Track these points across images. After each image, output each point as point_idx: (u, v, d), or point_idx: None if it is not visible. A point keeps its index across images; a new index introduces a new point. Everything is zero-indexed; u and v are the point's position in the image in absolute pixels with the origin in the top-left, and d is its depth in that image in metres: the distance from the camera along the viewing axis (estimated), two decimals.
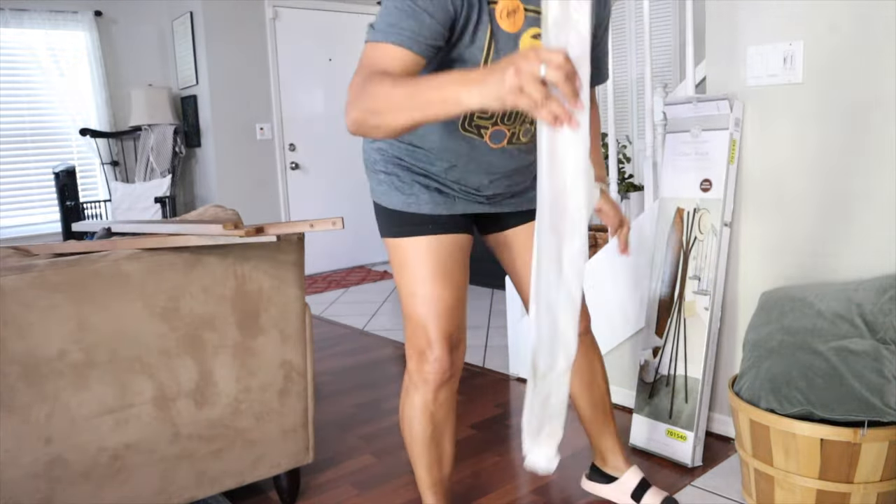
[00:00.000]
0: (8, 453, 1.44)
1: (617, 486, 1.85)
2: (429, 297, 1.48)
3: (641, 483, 1.82)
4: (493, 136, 1.44)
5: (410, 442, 1.60)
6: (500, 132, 1.44)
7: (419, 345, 1.51)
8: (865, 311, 1.66)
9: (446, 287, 1.49)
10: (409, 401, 1.57)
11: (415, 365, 1.54)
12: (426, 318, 1.49)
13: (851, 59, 1.84)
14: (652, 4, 2.47)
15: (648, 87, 2.40)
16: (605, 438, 1.84)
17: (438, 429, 1.57)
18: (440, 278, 1.48)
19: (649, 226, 2.33)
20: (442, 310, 1.49)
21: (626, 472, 1.84)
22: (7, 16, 4.56)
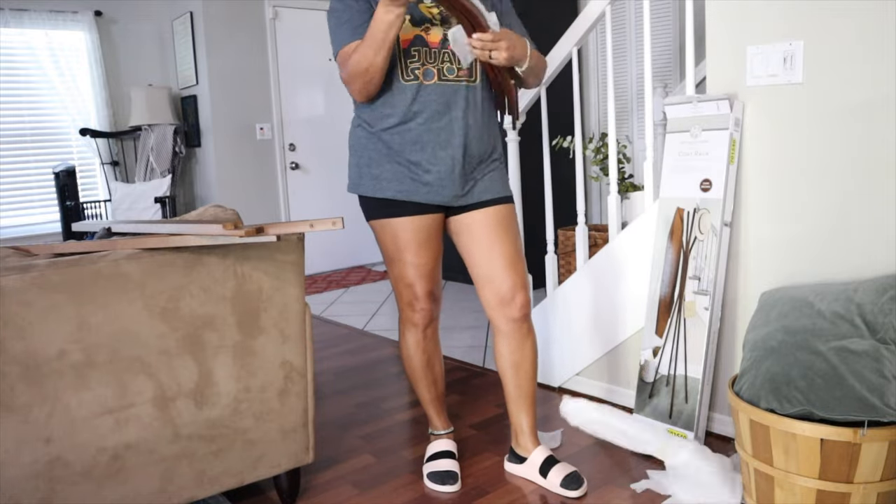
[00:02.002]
0: (8, 453, 1.44)
1: (527, 464, 2.04)
2: (414, 264, 1.92)
3: (548, 459, 2.00)
4: (425, 75, 1.83)
5: (411, 370, 2.08)
6: (429, 70, 1.83)
7: (409, 299, 1.97)
8: (865, 311, 1.66)
9: (422, 254, 1.92)
10: (404, 340, 2.06)
11: (406, 314, 2.01)
12: (413, 280, 1.94)
13: (851, 59, 1.84)
14: (652, 4, 2.47)
15: (648, 87, 2.40)
16: (522, 419, 2.03)
17: (429, 356, 2.06)
18: (417, 248, 1.91)
19: (649, 226, 2.33)
20: (425, 273, 1.94)
21: (534, 451, 2.02)
22: (7, 16, 4.56)
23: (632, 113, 4.56)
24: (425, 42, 1.81)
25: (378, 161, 1.88)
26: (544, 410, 2.54)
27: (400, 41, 1.79)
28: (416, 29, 1.80)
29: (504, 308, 1.92)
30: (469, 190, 1.91)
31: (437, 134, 1.84)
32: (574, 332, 2.64)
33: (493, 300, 1.92)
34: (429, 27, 1.81)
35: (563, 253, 3.57)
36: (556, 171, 2.96)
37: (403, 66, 1.81)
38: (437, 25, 1.82)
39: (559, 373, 2.71)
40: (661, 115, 3.35)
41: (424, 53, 1.82)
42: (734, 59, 2.07)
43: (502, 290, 1.91)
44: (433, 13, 1.82)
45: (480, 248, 1.92)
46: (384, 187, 1.87)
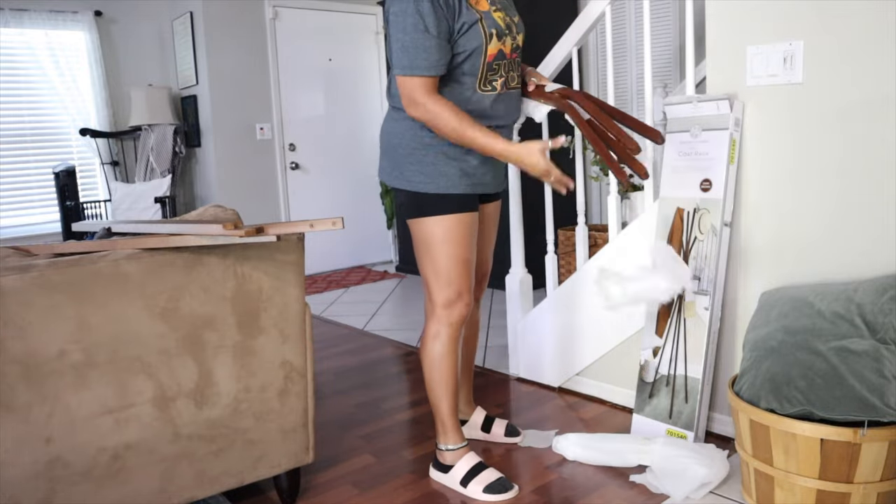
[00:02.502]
0: (8, 453, 1.44)
1: (469, 425, 2.30)
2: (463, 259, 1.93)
3: (487, 418, 2.30)
4: (503, 85, 1.90)
5: (440, 376, 1.97)
6: (506, 81, 1.90)
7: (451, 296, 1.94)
8: (865, 311, 1.66)
9: (472, 252, 1.96)
10: (438, 343, 1.96)
11: (445, 313, 1.95)
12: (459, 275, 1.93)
13: (851, 59, 1.84)
14: (652, 4, 2.47)
15: (648, 87, 2.40)
16: (462, 386, 2.28)
17: (455, 360, 1.99)
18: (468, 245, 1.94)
19: (649, 226, 2.33)
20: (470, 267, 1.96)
21: (473, 413, 2.31)
22: (7, 16, 4.56)
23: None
24: (505, 55, 1.86)
25: (446, 165, 1.89)
26: (543, 410, 2.54)
27: (487, 55, 1.82)
28: (499, 43, 1.83)
29: (476, 286, 2.17)
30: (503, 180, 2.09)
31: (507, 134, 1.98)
32: (574, 332, 2.64)
33: None
34: (505, 38, 1.85)
35: (563, 253, 3.57)
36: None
37: (484, 78, 1.85)
38: (507, 35, 1.85)
39: (559, 373, 2.71)
40: (661, 115, 3.35)
41: (505, 66, 1.87)
42: (734, 59, 2.07)
43: (483, 271, 2.18)
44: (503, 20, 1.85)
45: (481, 234, 2.13)
46: (456, 184, 1.89)
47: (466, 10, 1.76)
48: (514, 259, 2.86)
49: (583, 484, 1.99)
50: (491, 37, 1.80)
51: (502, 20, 1.84)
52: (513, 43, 1.88)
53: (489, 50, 1.80)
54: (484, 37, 1.79)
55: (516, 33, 1.90)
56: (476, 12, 1.77)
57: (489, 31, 1.79)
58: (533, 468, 2.11)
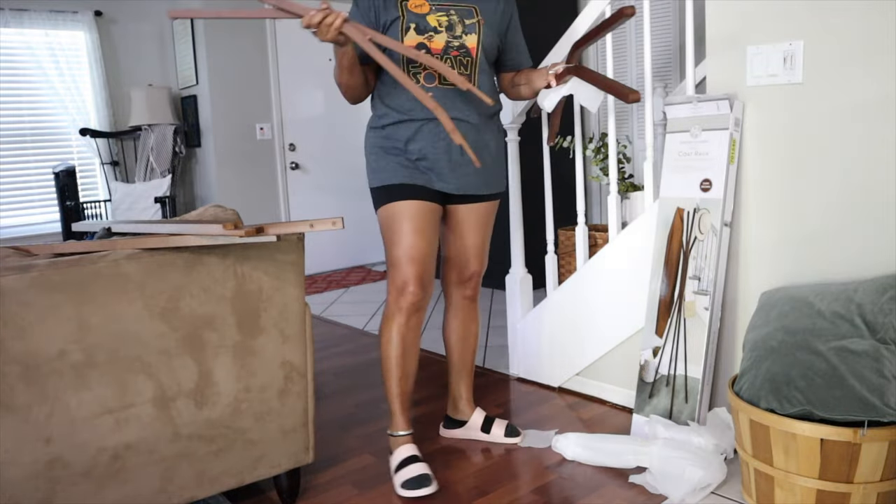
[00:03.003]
0: (8, 453, 1.44)
1: (468, 426, 2.31)
2: (405, 248, 1.98)
3: (487, 419, 2.30)
4: (426, 79, 1.97)
5: (385, 359, 2.07)
6: (430, 75, 1.97)
7: (401, 282, 2.00)
8: (865, 311, 1.66)
9: (421, 243, 1.99)
10: (387, 326, 2.05)
11: (394, 298, 2.02)
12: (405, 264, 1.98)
13: (851, 59, 1.84)
14: (652, 4, 2.47)
15: (648, 87, 2.40)
16: (462, 387, 2.31)
17: (406, 347, 2.04)
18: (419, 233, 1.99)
19: (649, 226, 2.33)
20: (417, 256, 1.99)
21: (473, 414, 2.31)
22: (7, 16, 4.56)
23: (632, 113, 4.56)
24: (428, 49, 1.95)
25: (383, 154, 2.04)
26: (543, 410, 2.54)
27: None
28: (420, 37, 1.94)
29: (462, 286, 2.22)
30: (466, 183, 2.07)
31: (434, 131, 1.99)
32: (574, 332, 2.64)
33: (455, 278, 2.21)
34: (432, 35, 1.95)
35: (563, 253, 3.57)
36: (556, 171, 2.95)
37: (407, 72, 1.96)
38: (441, 33, 1.96)
39: (559, 373, 2.71)
40: (661, 115, 3.35)
41: None
42: (734, 59, 2.07)
43: (464, 275, 2.20)
44: (440, 22, 1.96)
45: (459, 237, 2.16)
46: (389, 176, 2.02)
47: (392, 10, 1.94)
48: (514, 259, 2.86)
49: (582, 484, 1.99)
50: (407, 30, 1.93)
51: (437, 20, 1.95)
52: (452, 41, 1.96)
53: (406, 42, 1.92)
54: (401, 31, 1.93)
55: (462, 33, 1.97)
56: (399, 12, 1.93)
57: (407, 26, 1.93)
58: (533, 468, 2.11)
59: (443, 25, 1.96)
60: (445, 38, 1.96)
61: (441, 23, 1.96)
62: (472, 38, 1.99)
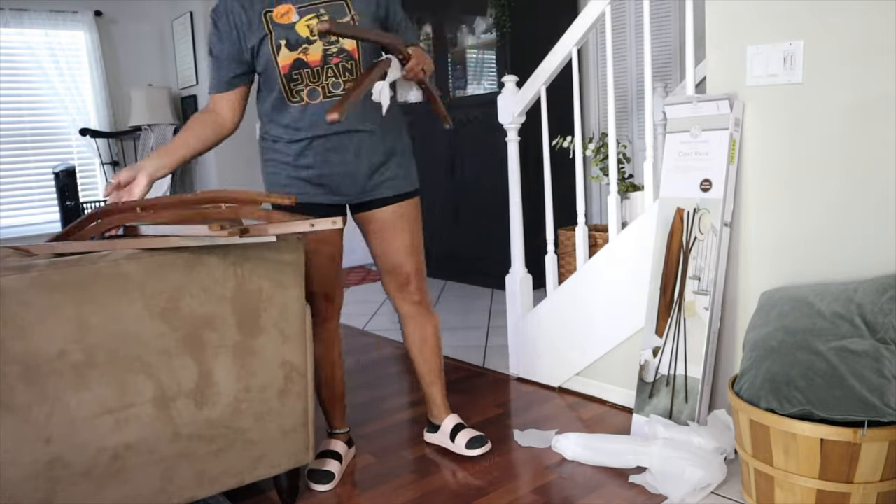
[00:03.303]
0: (8, 453, 1.44)
1: (440, 432, 2.26)
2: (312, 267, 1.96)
3: (456, 426, 2.23)
4: (310, 95, 1.88)
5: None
6: (314, 90, 1.88)
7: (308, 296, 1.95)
8: (865, 311, 1.66)
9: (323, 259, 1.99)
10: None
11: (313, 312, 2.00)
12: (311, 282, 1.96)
13: (851, 59, 1.84)
14: (652, 4, 2.47)
15: (648, 87, 2.40)
16: (433, 391, 2.27)
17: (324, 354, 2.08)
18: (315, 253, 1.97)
19: (649, 226, 2.33)
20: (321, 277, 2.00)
21: (445, 419, 2.26)
22: (7, 16, 4.56)
23: (632, 113, 4.56)
24: (305, 63, 1.85)
25: (277, 171, 1.98)
26: (543, 410, 2.54)
27: (280, 67, 1.84)
28: (294, 53, 1.83)
29: (403, 292, 2.14)
30: (372, 187, 2.00)
31: (328, 146, 1.92)
32: (574, 332, 2.64)
33: (394, 286, 2.14)
34: (307, 48, 1.84)
35: (563, 253, 3.57)
36: (556, 171, 2.95)
37: (288, 90, 1.88)
38: (315, 42, 1.84)
39: (559, 373, 2.71)
40: (661, 115, 3.35)
41: (307, 75, 1.86)
42: (734, 59, 2.07)
43: (400, 278, 2.11)
44: (309, 28, 1.83)
45: (383, 241, 2.08)
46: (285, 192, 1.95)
47: (258, 29, 1.82)
48: (514, 259, 2.86)
49: (582, 484, 1.99)
50: (279, 48, 1.83)
51: (308, 28, 1.83)
52: (329, 48, 1.84)
53: (280, 62, 1.83)
54: (271, 50, 1.83)
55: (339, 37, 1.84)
56: (265, 29, 1.82)
57: (276, 44, 1.82)
58: (532, 468, 2.11)
59: (315, 32, 1.83)
60: (322, 48, 1.84)
61: (313, 29, 1.83)
62: (350, 40, 1.86)
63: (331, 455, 2.11)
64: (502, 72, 4.28)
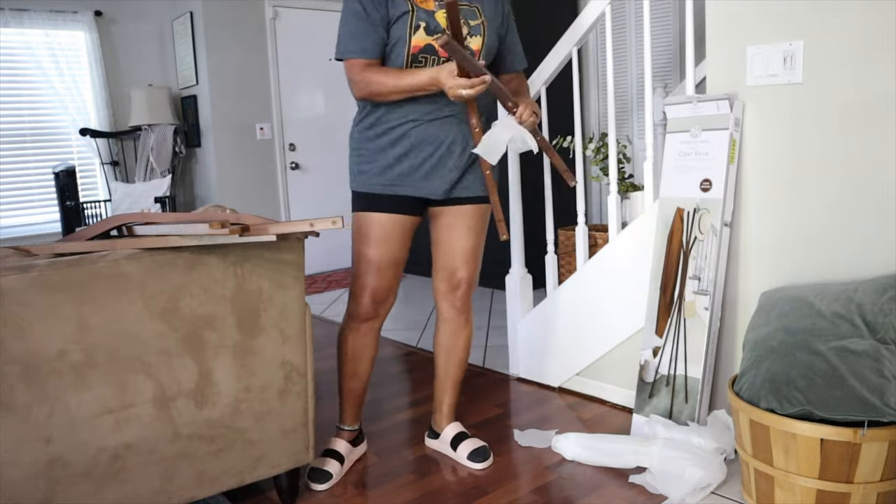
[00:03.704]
0: (8, 453, 1.44)
1: (441, 439, 2.25)
2: (367, 259, 1.99)
3: (458, 434, 2.21)
4: None
5: (339, 355, 2.12)
6: None
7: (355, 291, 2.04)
8: (865, 311, 1.66)
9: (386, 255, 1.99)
10: (345, 326, 2.09)
11: (350, 303, 2.06)
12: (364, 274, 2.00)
13: (851, 59, 1.84)
14: (652, 4, 2.47)
15: (648, 87, 2.40)
16: (444, 399, 2.24)
17: (358, 350, 2.09)
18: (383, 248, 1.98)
19: (649, 226, 2.33)
20: (376, 270, 1.99)
21: (447, 427, 2.24)
22: (7, 16, 4.56)
23: (632, 113, 4.56)
24: (435, 51, 1.88)
25: (366, 157, 1.99)
26: (543, 410, 2.54)
27: (411, 47, 1.86)
28: (430, 38, 1.86)
29: (450, 295, 2.13)
30: (453, 186, 2.02)
31: (427, 135, 1.95)
32: (574, 332, 2.64)
33: (443, 286, 2.13)
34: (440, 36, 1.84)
35: (563, 253, 3.57)
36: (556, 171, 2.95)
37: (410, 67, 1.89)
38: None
39: (559, 373, 2.71)
40: (661, 115, 3.35)
41: (433, 62, 1.89)
42: (734, 59, 2.07)
43: (453, 280, 2.11)
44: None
45: (451, 238, 2.08)
46: (369, 183, 1.98)
47: (402, 3, 1.85)
48: (514, 259, 2.86)
49: (582, 484, 1.99)
50: (417, 28, 1.85)
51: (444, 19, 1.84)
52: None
53: (413, 41, 1.85)
54: (409, 28, 1.85)
55: (468, 35, 1.90)
56: (409, 5, 1.85)
57: (416, 24, 1.85)
58: (533, 468, 2.11)
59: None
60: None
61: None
62: (476, 41, 1.93)
63: (332, 455, 2.11)
64: None
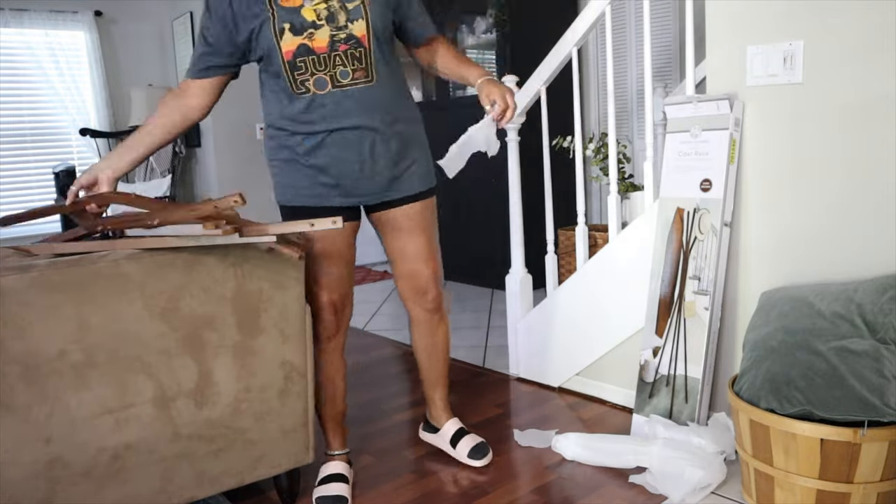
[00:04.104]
0: (8, 453, 1.44)
1: (439, 434, 2.20)
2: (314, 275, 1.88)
3: (458, 431, 2.17)
4: (317, 84, 1.74)
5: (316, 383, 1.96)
6: (321, 79, 1.74)
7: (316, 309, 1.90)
8: (865, 311, 1.66)
9: (334, 264, 1.89)
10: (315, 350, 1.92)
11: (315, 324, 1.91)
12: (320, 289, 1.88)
13: (851, 59, 1.84)
14: (652, 4, 2.47)
15: (648, 87, 2.40)
16: (435, 393, 2.20)
17: (333, 372, 1.97)
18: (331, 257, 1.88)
19: (649, 226, 2.33)
20: (331, 282, 1.89)
21: (446, 423, 2.19)
22: (7, 16, 4.56)
23: (632, 113, 4.55)
24: (311, 50, 1.70)
25: (285, 166, 1.85)
26: (543, 410, 2.54)
27: (283, 54, 1.70)
28: (299, 38, 1.69)
29: (419, 299, 2.05)
30: (390, 186, 1.89)
31: (339, 140, 1.79)
32: (574, 332, 2.64)
33: (409, 292, 2.06)
34: (312, 33, 1.70)
35: (563, 253, 3.57)
36: (556, 171, 2.95)
37: (292, 80, 1.73)
38: (322, 26, 1.70)
39: (559, 373, 2.71)
40: (661, 115, 3.35)
41: (312, 62, 1.72)
42: (734, 59, 2.07)
43: (419, 283, 2.03)
44: (319, 13, 1.70)
45: (400, 243, 1.99)
46: (293, 196, 1.85)
47: (259, 11, 1.68)
48: (514, 259, 2.86)
49: (582, 484, 1.99)
50: (282, 32, 1.68)
51: (315, 12, 1.69)
52: (337, 34, 1.70)
53: (283, 48, 1.69)
54: (274, 34, 1.68)
55: (347, 21, 1.70)
56: (268, 10, 1.68)
57: (279, 27, 1.68)
58: (532, 468, 2.11)
59: (322, 17, 1.69)
60: (329, 33, 1.69)
61: (320, 13, 1.69)
62: (360, 25, 1.71)
63: (336, 479, 1.97)
64: (502, 72, 4.28)
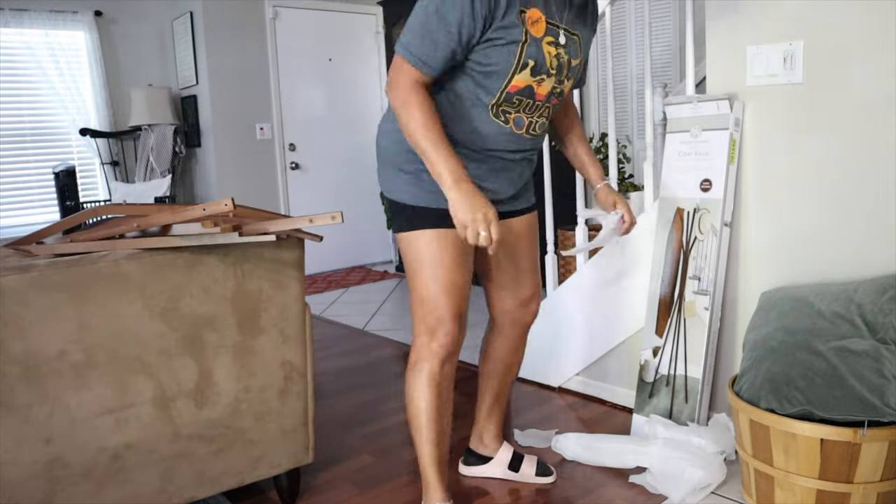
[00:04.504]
0: (8, 453, 1.44)
1: (494, 463, 2.05)
2: (447, 281, 1.67)
3: (515, 456, 2.05)
4: (515, 123, 1.65)
5: (416, 417, 1.72)
6: (520, 119, 1.65)
7: (432, 323, 1.68)
8: (865, 311, 1.66)
9: (460, 273, 1.69)
10: (416, 377, 1.70)
11: (425, 341, 1.69)
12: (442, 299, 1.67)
13: (851, 59, 1.84)
14: (652, 4, 2.47)
15: (648, 87, 2.40)
16: (492, 421, 2.05)
17: (442, 401, 1.71)
18: (456, 266, 1.68)
19: (649, 226, 2.33)
20: (456, 291, 1.68)
21: (500, 450, 2.06)
22: (7, 16, 4.56)
23: (632, 113, 4.55)
24: (533, 94, 1.61)
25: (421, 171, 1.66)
26: (543, 410, 2.54)
27: (509, 86, 1.57)
28: (532, 79, 1.58)
29: (521, 311, 1.94)
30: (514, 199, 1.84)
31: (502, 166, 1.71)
32: (574, 332, 2.64)
33: (512, 303, 1.93)
34: (543, 79, 1.60)
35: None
36: (556, 171, 2.95)
37: (497, 106, 1.61)
38: (552, 77, 1.62)
39: (559, 373, 2.71)
40: (661, 115, 3.35)
41: (527, 105, 1.63)
42: (734, 59, 2.07)
43: (524, 295, 1.92)
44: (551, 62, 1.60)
45: (514, 254, 1.88)
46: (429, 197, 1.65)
47: (513, 28, 1.51)
48: None
49: (582, 484, 1.99)
50: (524, 67, 1.55)
51: (555, 58, 1.59)
52: (555, 87, 1.64)
53: (515, 81, 1.56)
54: (517, 62, 1.54)
55: (565, 78, 1.65)
56: (524, 32, 1.52)
57: (525, 61, 1.54)
58: None
59: (553, 67, 1.61)
60: (551, 85, 1.63)
61: (552, 63, 1.60)
62: (569, 84, 1.69)
63: None
64: None
